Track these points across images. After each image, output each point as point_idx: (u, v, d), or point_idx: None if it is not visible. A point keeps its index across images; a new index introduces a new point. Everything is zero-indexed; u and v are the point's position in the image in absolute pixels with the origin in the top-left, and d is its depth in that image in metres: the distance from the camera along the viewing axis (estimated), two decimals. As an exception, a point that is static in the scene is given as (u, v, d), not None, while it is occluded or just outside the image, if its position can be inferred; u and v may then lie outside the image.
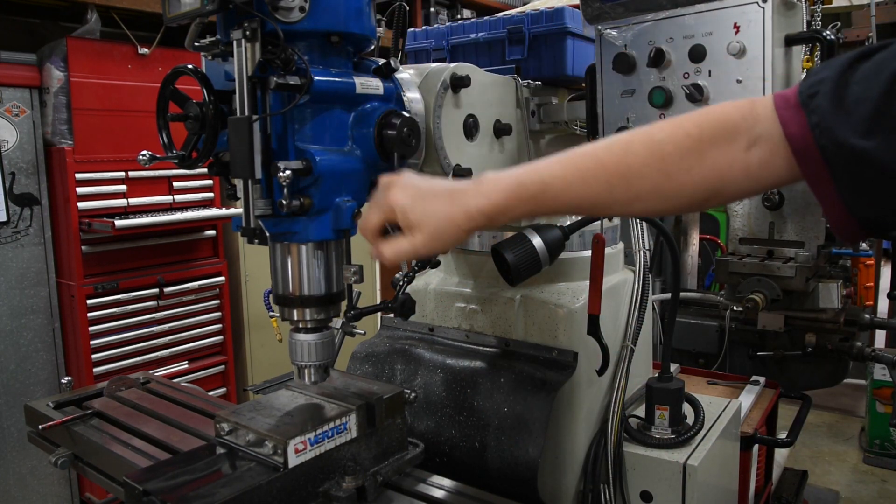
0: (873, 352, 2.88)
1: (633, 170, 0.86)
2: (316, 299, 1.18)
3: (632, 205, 0.89)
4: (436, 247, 0.96)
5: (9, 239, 2.85)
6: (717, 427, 1.63)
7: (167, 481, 1.06)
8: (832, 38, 1.18)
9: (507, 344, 1.57)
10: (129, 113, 3.04)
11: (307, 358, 1.20)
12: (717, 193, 0.85)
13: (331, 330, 1.23)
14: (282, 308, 1.21)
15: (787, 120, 0.79)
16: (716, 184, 0.83)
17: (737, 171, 0.82)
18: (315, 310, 1.19)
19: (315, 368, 1.21)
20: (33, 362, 2.97)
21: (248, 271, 3.58)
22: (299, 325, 1.20)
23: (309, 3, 1.07)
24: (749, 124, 0.81)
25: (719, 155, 0.82)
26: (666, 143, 0.85)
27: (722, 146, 0.82)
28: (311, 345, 1.19)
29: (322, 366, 1.22)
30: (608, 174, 0.88)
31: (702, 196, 0.85)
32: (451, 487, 1.24)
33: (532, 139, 1.57)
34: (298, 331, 1.20)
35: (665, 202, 0.87)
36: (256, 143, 1.05)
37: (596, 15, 1.32)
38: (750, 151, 0.81)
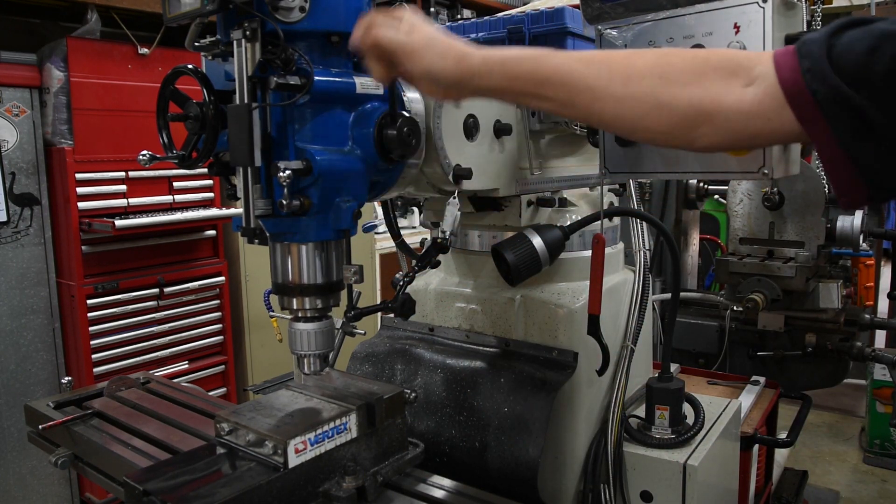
0: (873, 352, 2.88)
1: (636, 69, 0.92)
2: (315, 288, 1.18)
3: (624, 102, 0.93)
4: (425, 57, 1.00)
5: (9, 239, 2.85)
6: (717, 427, 1.63)
7: (167, 481, 1.06)
8: (832, 38, 1.18)
9: (508, 344, 1.58)
10: (130, 113, 3.04)
11: (307, 347, 1.20)
12: (708, 118, 0.88)
13: (330, 319, 1.22)
14: (281, 297, 1.21)
15: (781, 64, 0.84)
16: (708, 107, 0.88)
17: (731, 101, 0.87)
18: (314, 298, 1.19)
19: (315, 357, 1.21)
20: (33, 362, 2.97)
21: (249, 271, 3.58)
22: (299, 314, 1.20)
23: (309, 3, 1.07)
24: (751, 65, 0.87)
25: (718, 81, 0.88)
26: (673, 56, 0.95)
27: (722, 75, 0.88)
28: (310, 334, 1.19)
29: (322, 355, 1.22)
30: (611, 63, 0.94)
31: (693, 115, 0.89)
32: (452, 487, 1.24)
33: (532, 139, 1.57)
34: (298, 320, 1.20)
35: (656, 110, 0.91)
36: (256, 131, 1.05)
37: (596, 15, 1.32)
38: (746, 88, 0.86)
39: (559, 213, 1.63)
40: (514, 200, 1.56)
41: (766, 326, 2.83)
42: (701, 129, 0.90)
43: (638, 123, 0.94)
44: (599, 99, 0.94)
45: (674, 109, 0.90)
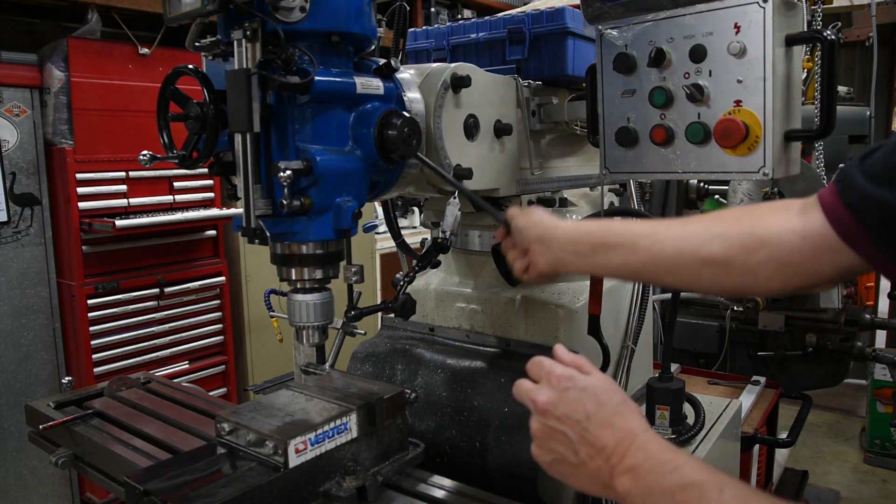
0: (874, 352, 2.88)
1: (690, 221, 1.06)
2: (314, 258, 1.18)
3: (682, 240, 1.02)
4: None
5: (9, 239, 2.85)
6: (717, 427, 1.63)
7: (168, 481, 1.06)
8: (832, 38, 1.18)
9: (508, 344, 1.57)
10: (130, 113, 3.04)
11: (306, 318, 1.20)
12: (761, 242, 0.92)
13: (329, 291, 1.22)
14: (280, 268, 1.21)
15: (823, 194, 0.88)
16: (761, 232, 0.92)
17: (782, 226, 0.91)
18: (313, 269, 1.18)
19: (313, 330, 1.21)
20: (34, 362, 2.97)
21: (249, 271, 3.58)
22: (297, 285, 1.20)
23: (309, 3, 1.07)
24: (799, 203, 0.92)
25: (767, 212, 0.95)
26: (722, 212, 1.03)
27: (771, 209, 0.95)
28: (309, 305, 1.19)
29: (321, 327, 1.22)
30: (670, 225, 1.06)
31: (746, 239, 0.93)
32: (452, 487, 1.24)
33: (533, 139, 1.57)
34: (297, 291, 1.20)
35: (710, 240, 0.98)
36: (255, 96, 1.05)
37: (596, 15, 1.32)
38: (795, 217, 0.90)
39: (559, 213, 1.63)
40: (515, 200, 1.56)
41: (766, 326, 2.83)
42: (758, 254, 0.92)
43: (699, 251, 0.97)
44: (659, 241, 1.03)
45: (726, 237, 0.95)
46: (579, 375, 0.90)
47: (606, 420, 0.86)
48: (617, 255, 1.09)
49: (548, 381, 0.91)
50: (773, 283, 0.93)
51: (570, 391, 0.88)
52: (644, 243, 1.05)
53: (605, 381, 0.91)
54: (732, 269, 0.95)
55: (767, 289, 0.95)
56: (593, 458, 0.85)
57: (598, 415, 0.86)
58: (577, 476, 0.88)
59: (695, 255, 0.99)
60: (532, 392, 0.92)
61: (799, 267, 0.90)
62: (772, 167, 1.16)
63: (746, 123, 1.16)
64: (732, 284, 0.99)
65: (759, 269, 0.93)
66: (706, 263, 0.98)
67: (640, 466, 0.82)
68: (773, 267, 0.92)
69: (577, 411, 0.87)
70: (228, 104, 1.07)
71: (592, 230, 1.14)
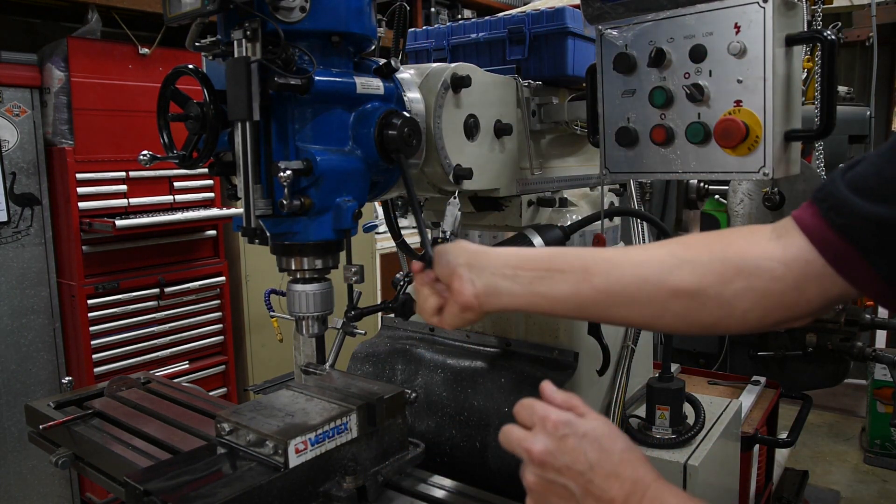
0: (874, 352, 2.88)
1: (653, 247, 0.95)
2: (314, 247, 1.17)
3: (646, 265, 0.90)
4: None
5: (9, 239, 2.85)
6: (717, 427, 1.63)
7: (168, 481, 1.06)
8: (833, 38, 1.18)
9: (508, 344, 1.57)
10: (130, 113, 3.04)
11: (305, 308, 1.20)
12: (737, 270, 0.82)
13: (329, 281, 1.22)
14: (279, 258, 1.21)
15: (799, 216, 0.79)
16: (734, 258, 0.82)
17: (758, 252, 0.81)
18: (313, 258, 1.18)
19: (313, 320, 1.21)
20: (34, 362, 2.97)
21: (249, 271, 3.58)
22: (297, 275, 1.20)
23: (310, 3, 1.07)
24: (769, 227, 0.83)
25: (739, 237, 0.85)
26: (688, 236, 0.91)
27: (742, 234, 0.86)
28: (308, 295, 1.19)
29: (320, 317, 1.22)
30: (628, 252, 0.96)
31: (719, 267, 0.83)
32: (452, 487, 1.24)
33: (533, 139, 1.57)
34: (297, 281, 1.20)
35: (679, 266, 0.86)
36: (254, 86, 1.05)
37: (596, 15, 1.32)
38: (770, 242, 0.81)
39: (559, 213, 1.63)
40: (515, 200, 1.56)
41: (766, 326, 2.82)
42: (734, 283, 0.81)
43: (666, 279, 0.85)
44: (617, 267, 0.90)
45: (697, 263, 0.84)
46: (577, 420, 0.82)
47: (612, 470, 0.78)
48: (565, 283, 0.93)
49: (542, 428, 0.82)
50: (750, 316, 0.82)
51: (569, 438, 0.80)
52: (600, 269, 0.91)
53: (604, 424, 0.83)
54: (706, 301, 0.83)
55: (743, 323, 0.84)
56: None
57: (602, 464, 0.78)
58: None
59: (661, 285, 0.86)
60: (525, 441, 0.82)
61: (781, 297, 0.80)
62: (772, 167, 1.16)
63: (746, 123, 1.16)
64: (704, 319, 0.86)
65: (736, 301, 0.82)
66: (675, 294, 0.85)
67: None
68: (751, 298, 0.81)
69: (578, 461, 0.79)
70: (228, 93, 1.07)
71: (536, 254, 1.00)
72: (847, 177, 0.75)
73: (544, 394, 0.87)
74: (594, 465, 0.78)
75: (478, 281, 0.99)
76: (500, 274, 0.98)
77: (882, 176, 0.72)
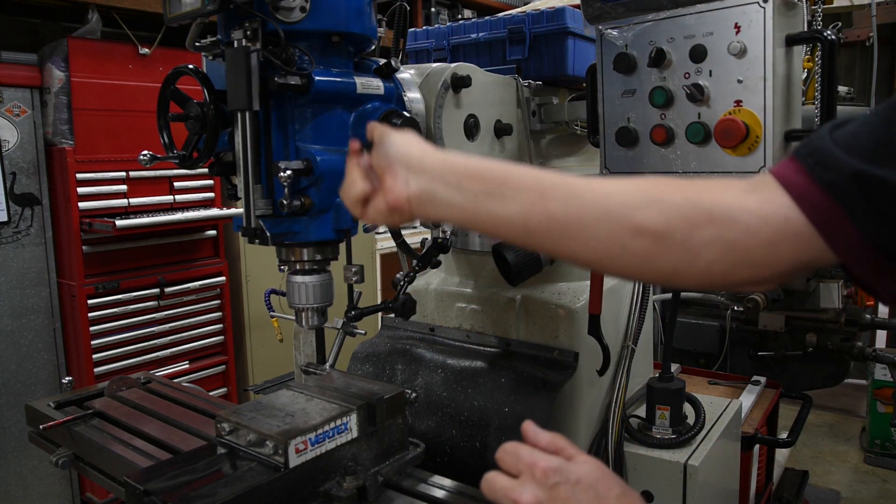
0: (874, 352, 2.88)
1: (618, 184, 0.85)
2: None
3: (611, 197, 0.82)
4: None
5: (10, 239, 2.85)
6: (717, 427, 1.63)
7: (168, 481, 1.06)
8: (833, 38, 1.18)
9: (508, 344, 1.57)
10: (130, 113, 3.04)
11: (305, 300, 1.20)
12: (708, 217, 0.75)
13: (329, 273, 1.22)
14: (279, 249, 1.21)
15: (780, 172, 0.73)
16: (707, 204, 0.76)
17: (732, 201, 0.75)
18: (313, 250, 1.18)
19: (313, 312, 1.21)
20: (34, 362, 2.97)
21: (249, 271, 3.58)
22: (297, 266, 1.20)
23: (310, 3, 1.07)
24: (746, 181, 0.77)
25: (713, 187, 0.78)
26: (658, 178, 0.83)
27: (717, 184, 0.79)
28: (308, 286, 1.19)
29: (320, 309, 1.22)
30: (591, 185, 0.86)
31: (689, 210, 0.76)
32: (452, 487, 1.24)
33: (533, 139, 1.57)
34: (296, 273, 1.20)
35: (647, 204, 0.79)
36: (254, 75, 1.05)
37: (597, 15, 1.32)
38: (747, 195, 0.75)
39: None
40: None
41: (766, 326, 2.83)
42: (704, 230, 0.74)
43: (632, 216, 0.77)
44: (577, 195, 0.81)
45: (667, 203, 0.77)
46: (567, 465, 0.77)
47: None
48: (515, 204, 0.83)
49: (531, 477, 0.76)
50: (714, 268, 0.75)
51: (561, 487, 0.75)
52: (558, 194, 0.81)
53: (597, 468, 0.78)
54: (671, 246, 0.76)
55: (706, 275, 0.77)
56: None
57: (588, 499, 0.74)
58: None
59: (624, 221, 0.78)
60: (513, 492, 0.76)
61: (751, 253, 0.73)
62: (772, 167, 1.16)
63: (747, 123, 1.16)
64: (663, 266, 0.78)
65: (702, 250, 0.75)
66: (638, 233, 0.77)
67: None
68: (718, 249, 0.74)
69: None
70: (227, 83, 1.07)
71: (486, 167, 0.88)
72: (836, 135, 0.70)
73: (527, 436, 0.81)
74: None
75: (413, 182, 0.89)
76: (441, 180, 0.88)
77: (877, 137, 0.67)
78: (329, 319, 1.29)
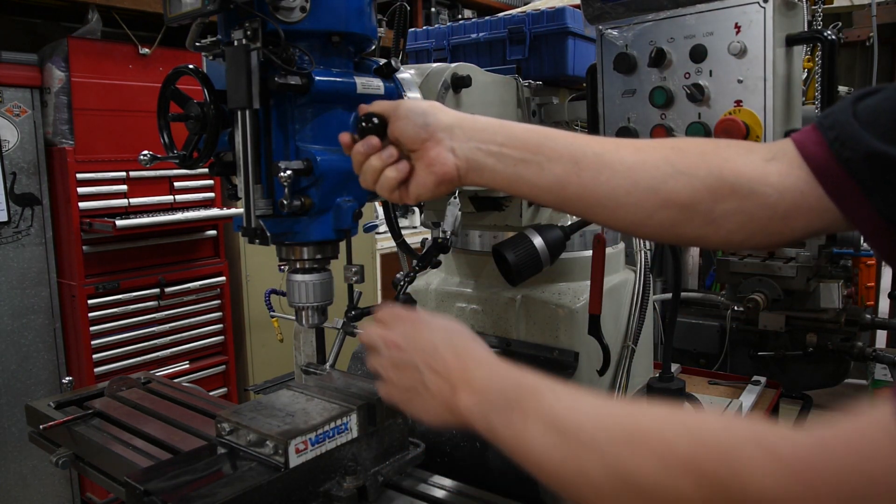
0: (874, 352, 2.88)
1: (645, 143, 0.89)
2: None
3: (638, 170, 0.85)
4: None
5: (10, 239, 2.85)
6: (718, 427, 1.63)
7: (168, 481, 1.06)
8: (833, 38, 1.18)
9: (508, 344, 1.57)
10: (130, 113, 3.05)
11: (305, 299, 1.20)
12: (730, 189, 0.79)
13: (329, 272, 1.22)
14: (279, 247, 1.21)
15: (801, 140, 0.76)
16: (729, 176, 0.79)
17: (753, 172, 0.78)
18: (313, 248, 1.18)
19: (313, 310, 1.21)
20: (34, 362, 2.97)
21: (249, 271, 3.58)
22: (297, 265, 1.20)
23: (310, 3, 1.07)
24: (768, 145, 0.81)
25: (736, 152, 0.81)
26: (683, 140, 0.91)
27: (739, 150, 0.82)
28: (308, 285, 1.19)
29: (320, 308, 1.22)
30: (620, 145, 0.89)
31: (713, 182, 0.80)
32: (453, 487, 1.24)
33: (533, 139, 1.57)
34: (297, 271, 1.20)
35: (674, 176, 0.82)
36: (254, 74, 1.05)
37: (597, 15, 1.32)
38: (768, 163, 0.78)
39: (560, 213, 1.63)
40: (515, 200, 1.56)
41: (766, 326, 2.83)
42: (725, 203, 0.79)
43: (659, 189, 0.81)
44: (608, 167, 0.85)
45: (692, 176, 0.80)
46: (431, 318, 0.93)
47: (452, 349, 0.87)
48: (552, 173, 0.86)
49: (400, 323, 0.93)
50: (733, 237, 0.81)
51: (422, 327, 0.91)
52: (590, 164, 0.85)
53: (455, 323, 0.93)
54: (694, 216, 0.81)
55: (726, 241, 0.82)
56: (438, 383, 0.85)
57: (444, 345, 0.87)
58: (427, 407, 0.88)
59: (652, 193, 0.82)
60: (384, 332, 0.93)
61: (768, 224, 0.78)
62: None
63: (747, 123, 1.16)
64: (687, 233, 0.83)
65: (723, 221, 0.80)
66: (665, 205, 0.82)
67: (477, 378, 0.83)
68: (738, 220, 0.79)
69: (426, 343, 0.88)
70: (227, 81, 1.07)
71: (524, 134, 0.90)
72: (859, 107, 0.71)
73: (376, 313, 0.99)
74: (437, 346, 0.88)
75: (459, 150, 0.91)
76: (485, 149, 0.90)
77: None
78: (329, 319, 1.29)
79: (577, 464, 0.68)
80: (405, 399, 0.91)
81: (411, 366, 0.89)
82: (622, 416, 0.69)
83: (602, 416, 0.69)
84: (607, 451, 0.65)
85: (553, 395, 0.75)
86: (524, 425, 0.74)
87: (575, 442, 0.68)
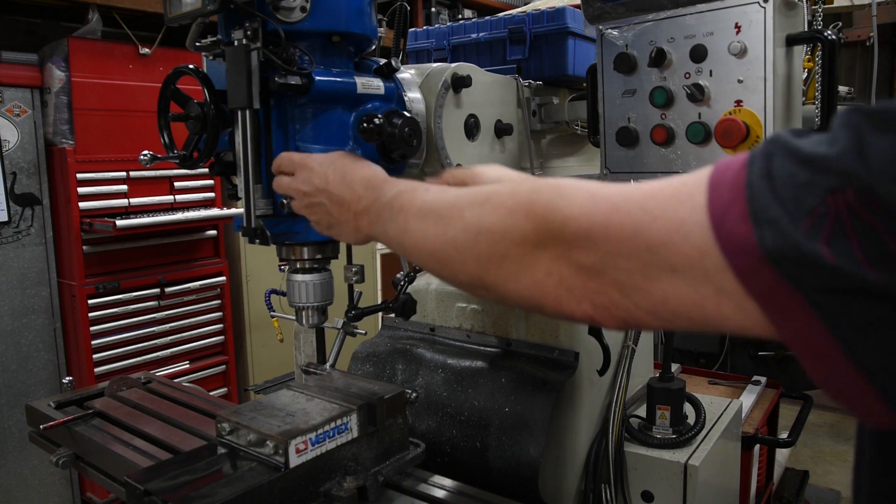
0: (874, 352, 2.88)
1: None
2: None
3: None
4: None
5: (10, 239, 2.86)
6: (718, 427, 1.63)
7: (168, 481, 1.06)
8: (833, 38, 1.18)
9: (509, 344, 1.58)
10: (131, 113, 3.05)
11: (305, 299, 1.20)
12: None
13: (329, 272, 1.23)
14: (279, 247, 1.21)
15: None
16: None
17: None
18: (313, 248, 1.19)
19: (313, 310, 1.21)
20: (34, 362, 2.97)
21: (249, 271, 3.58)
22: (297, 265, 1.20)
23: (310, 3, 1.07)
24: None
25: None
26: None
27: None
28: (308, 285, 1.19)
29: (320, 308, 1.22)
30: None
31: None
32: (453, 487, 1.24)
33: (533, 139, 1.57)
34: (297, 271, 1.20)
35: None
36: (254, 74, 1.05)
37: (597, 15, 1.32)
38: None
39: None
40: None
41: (766, 326, 2.82)
42: None
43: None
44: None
45: None
46: (316, 154, 1.06)
47: (341, 178, 1.00)
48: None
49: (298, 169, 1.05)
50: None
51: (314, 167, 1.03)
52: None
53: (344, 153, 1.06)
54: None
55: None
56: (343, 214, 0.99)
57: (336, 178, 1.00)
58: (342, 232, 1.02)
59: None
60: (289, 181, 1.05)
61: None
62: None
63: (747, 123, 1.16)
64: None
65: None
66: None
67: (367, 200, 0.95)
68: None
69: (321, 181, 1.01)
70: (228, 81, 1.07)
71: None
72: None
73: None
74: (329, 180, 1.00)
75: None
76: None
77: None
78: (329, 319, 1.29)
79: (443, 233, 0.78)
80: (326, 230, 1.05)
81: (319, 205, 1.03)
82: (479, 189, 0.78)
83: (462, 193, 0.79)
84: (466, 214, 0.75)
85: (424, 190, 0.86)
86: (406, 222, 0.86)
87: (441, 217, 0.79)
